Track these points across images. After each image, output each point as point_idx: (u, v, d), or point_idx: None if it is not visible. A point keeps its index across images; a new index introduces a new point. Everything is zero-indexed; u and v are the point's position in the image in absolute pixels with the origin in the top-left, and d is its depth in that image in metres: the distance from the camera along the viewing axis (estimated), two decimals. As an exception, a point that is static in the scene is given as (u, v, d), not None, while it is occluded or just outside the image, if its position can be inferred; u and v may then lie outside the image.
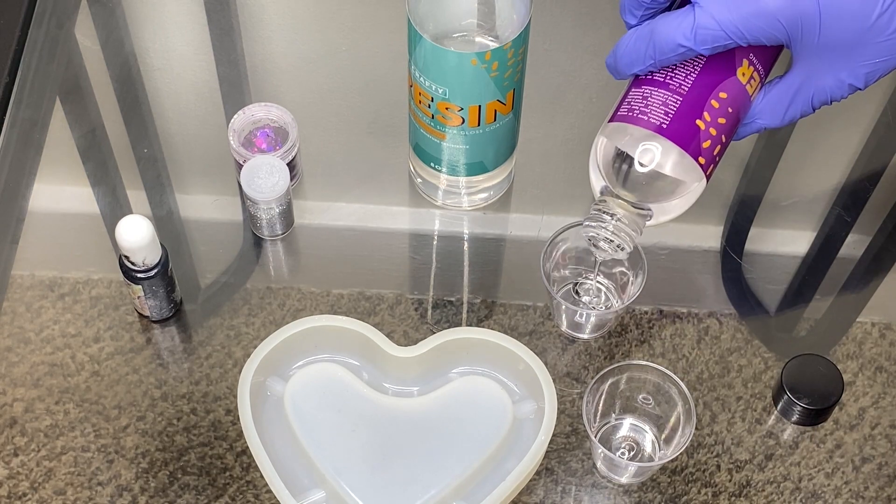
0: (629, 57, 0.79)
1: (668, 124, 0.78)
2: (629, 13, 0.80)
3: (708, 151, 0.79)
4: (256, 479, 0.86)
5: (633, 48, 0.79)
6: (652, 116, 0.78)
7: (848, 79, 0.78)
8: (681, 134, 0.78)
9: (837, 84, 0.78)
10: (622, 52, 0.79)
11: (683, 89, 0.78)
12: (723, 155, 0.80)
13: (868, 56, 0.77)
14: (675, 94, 0.78)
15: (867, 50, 0.76)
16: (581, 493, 0.86)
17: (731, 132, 0.80)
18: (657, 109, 0.78)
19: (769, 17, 0.74)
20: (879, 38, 0.76)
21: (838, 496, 0.86)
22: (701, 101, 0.78)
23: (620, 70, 0.80)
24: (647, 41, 0.78)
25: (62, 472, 0.86)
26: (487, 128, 0.89)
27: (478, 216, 0.97)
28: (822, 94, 0.79)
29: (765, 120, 0.81)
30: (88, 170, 0.99)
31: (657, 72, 0.79)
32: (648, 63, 0.78)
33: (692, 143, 0.78)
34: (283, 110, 0.95)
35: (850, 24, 0.75)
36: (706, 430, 0.88)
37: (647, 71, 0.79)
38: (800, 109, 0.80)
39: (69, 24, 1.05)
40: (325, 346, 0.88)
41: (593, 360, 0.91)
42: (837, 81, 0.78)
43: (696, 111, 0.78)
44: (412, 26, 0.84)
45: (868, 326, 0.92)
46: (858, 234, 0.96)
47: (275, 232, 0.95)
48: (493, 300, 0.93)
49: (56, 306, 0.92)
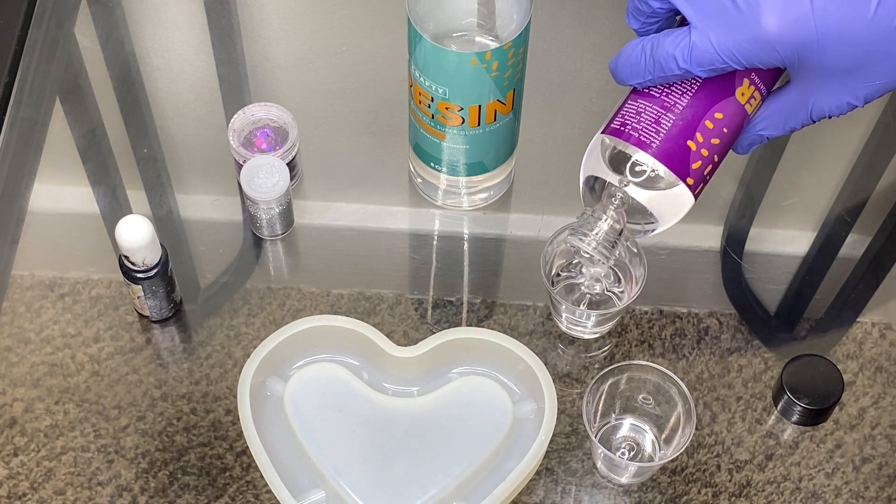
0: (629, 68, 0.79)
1: (657, 144, 0.78)
2: (632, 18, 0.80)
3: (697, 172, 0.79)
4: (256, 479, 0.86)
5: (634, 60, 0.79)
6: (643, 134, 0.78)
7: (847, 98, 0.77)
8: (669, 155, 0.78)
9: (836, 103, 0.77)
10: (623, 62, 0.79)
11: (678, 108, 0.78)
12: (714, 172, 0.80)
13: (868, 79, 0.75)
14: (669, 112, 0.78)
15: (867, 73, 0.75)
16: (581, 493, 0.86)
17: (725, 151, 0.80)
18: (649, 127, 0.79)
19: (766, 44, 0.73)
20: (881, 62, 0.74)
21: (838, 496, 0.86)
22: (695, 121, 0.78)
23: (620, 78, 0.80)
24: (647, 56, 0.78)
25: (62, 472, 0.86)
26: (487, 128, 0.89)
27: (478, 216, 0.97)
28: (821, 111, 0.78)
29: (766, 130, 0.81)
30: (88, 170, 0.99)
31: (655, 87, 0.79)
32: (647, 77, 0.78)
33: (681, 164, 0.78)
34: (283, 110, 0.95)
35: (851, 50, 0.73)
36: (706, 430, 0.88)
37: (646, 84, 0.79)
38: (800, 122, 0.80)
39: (69, 24, 1.05)
40: (325, 346, 0.88)
41: (593, 360, 0.91)
42: (836, 101, 0.77)
43: (689, 132, 0.78)
44: (412, 26, 0.84)
45: (868, 326, 0.92)
46: (858, 234, 0.96)
47: (275, 232, 0.95)
48: (493, 300, 0.93)
49: (56, 306, 0.92)
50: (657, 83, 0.79)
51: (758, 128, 0.81)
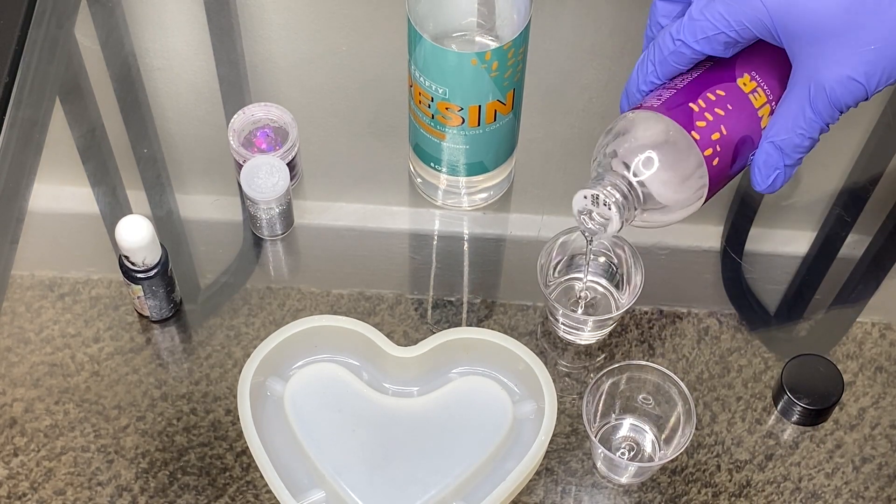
0: (635, 74, 0.82)
1: (659, 104, 0.80)
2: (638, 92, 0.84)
3: (704, 132, 0.79)
4: (256, 479, 0.86)
5: (638, 65, 0.82)
6: (645, 104, 0.81)
7: (846, 71, 0.76)
8: (672, 109, 0.79)
9: (835, 77, 0.76)
10: (632, 76, 0.82)
11: (678, 86, 0.81)
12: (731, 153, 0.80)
13: (860, 43, 0.75)
14: (670, 89, 0.81)
15: (858, 36, 0.75)
16: (581, 494, 0.86)
17: (734, 128, 0.79)
18: (651, 99, 0.81)
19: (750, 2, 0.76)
20: (868, 22, 0.74)
21: (838, 496, 0.86)
22: (695, 92, 0.80)
23: (630, 91, 0.82)
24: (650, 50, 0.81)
25: (62, 472, 0.86)
26: (487, 128, 0.89)
27: (478, 216, 0.97)
28: (821, 89, 0.77)
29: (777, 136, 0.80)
30: (88, 170, 0.99)
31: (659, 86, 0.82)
32: (650, 70, 0.80)
33: (684, 118, 0.79)
34: (283, 110, 0.95)
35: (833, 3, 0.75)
36: (706, 430, 0.88)
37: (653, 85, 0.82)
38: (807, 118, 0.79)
39: (69, 24, 1.05)
40: (325, 346, 0.88)
41: (593, 360, 0.91)
42: (835, 74, 0.76)
43: (690, 97, 0.80)
44: (412, 26, 0.84)
45: (868, 326, 0.92)
46: (858, 234, 0.96)
47: (275, 232, 0.95)
48: (493, 300, 0.93)
49: (56, 306, 0.92)
50: (661, 76, 0.81)
51: (770, 134, 0.80)
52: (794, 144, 0.80)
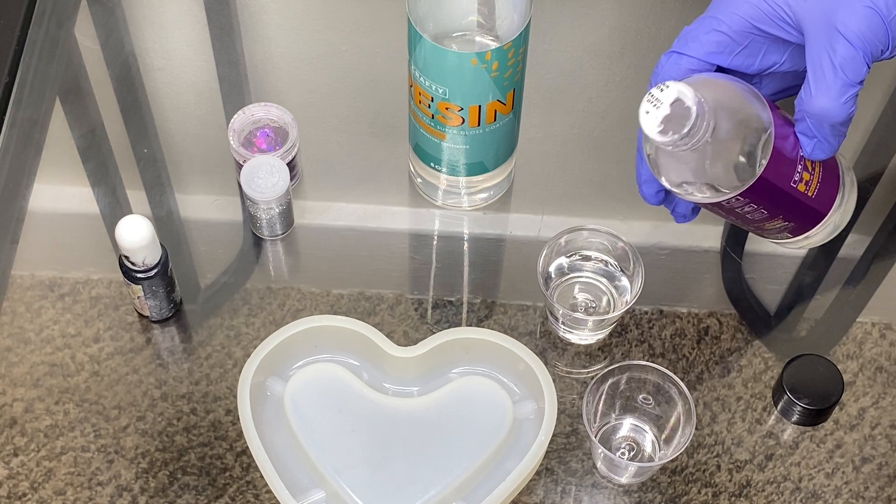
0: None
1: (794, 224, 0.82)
2: None
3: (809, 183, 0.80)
4: (256, 479, 0.86)
5: None
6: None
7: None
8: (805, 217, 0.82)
9: (855, 13, 0.72)
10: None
11: None
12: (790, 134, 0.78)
13: None
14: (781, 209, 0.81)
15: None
16: (581, 493, 0.86)
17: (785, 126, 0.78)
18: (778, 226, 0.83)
19: None
20: None
21: (838, 496, 0.86)
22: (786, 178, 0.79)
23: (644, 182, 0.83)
24: None
25: (62, 472, 0.86)
26: (487, 128, 0.89)
27: (478, 216, 0.97)
28: (845, 27, 0.72)
29: (820, 101, 0.74)
30: (88, 170, 0.99)
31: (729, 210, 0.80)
32: None
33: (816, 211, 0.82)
34: (283, 110, 0.95)
35: None
36: (706, 430, 0.88)
37: None
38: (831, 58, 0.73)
39: (69, 24, 1.05)
40: (325, 346, 0.88)
41: (593, 360, 0.91)
42: (854, 10, 0.72)
43: (787, 180, 0.79)
44: (412, 26, 0.84)
45: (868, 326, 0.92)
46: (858, 234, 0.96)
47: (275, 232, 0.95)
48: (493, 300, 0.93)
49: (56, 306, 0.92)
50: None
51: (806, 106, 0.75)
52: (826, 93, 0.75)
